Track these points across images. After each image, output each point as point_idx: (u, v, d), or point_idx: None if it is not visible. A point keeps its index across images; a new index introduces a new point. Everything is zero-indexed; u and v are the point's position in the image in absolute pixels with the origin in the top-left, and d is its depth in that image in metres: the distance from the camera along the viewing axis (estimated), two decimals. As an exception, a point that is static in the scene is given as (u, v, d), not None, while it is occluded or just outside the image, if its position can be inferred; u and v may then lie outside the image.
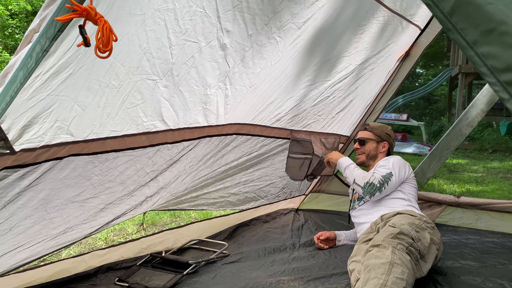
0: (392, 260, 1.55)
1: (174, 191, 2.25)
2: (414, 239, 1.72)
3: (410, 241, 1.70)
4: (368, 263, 1.61)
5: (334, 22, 1.99)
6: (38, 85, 1.18)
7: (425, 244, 1.76)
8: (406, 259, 1.59)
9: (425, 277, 1.93)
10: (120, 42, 1.26)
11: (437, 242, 1.87)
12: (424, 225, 1.90)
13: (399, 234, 1.71)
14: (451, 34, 0.67)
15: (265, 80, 2.00)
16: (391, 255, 1.58)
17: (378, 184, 2.15)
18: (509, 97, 0.64)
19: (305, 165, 2.74)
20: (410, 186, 2.25)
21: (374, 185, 2.16)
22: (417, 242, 1.72)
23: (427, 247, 1.76)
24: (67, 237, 1.83)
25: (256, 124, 2.32)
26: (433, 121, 15.30)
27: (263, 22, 1.66)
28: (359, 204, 2.30)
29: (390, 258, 1.56)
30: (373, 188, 2.15)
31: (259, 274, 1.96)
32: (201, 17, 1.46)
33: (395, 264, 1.54)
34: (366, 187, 2.16)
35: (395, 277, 1.49)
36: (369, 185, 2.16)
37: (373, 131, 2.42)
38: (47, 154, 1.37)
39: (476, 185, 5.50)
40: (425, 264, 1.74)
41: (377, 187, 2.15)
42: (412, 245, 1.69)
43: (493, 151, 9.92)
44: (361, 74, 2.59)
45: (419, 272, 1.69)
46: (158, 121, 1.70)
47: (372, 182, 2.16)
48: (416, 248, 1.70)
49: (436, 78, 14.30)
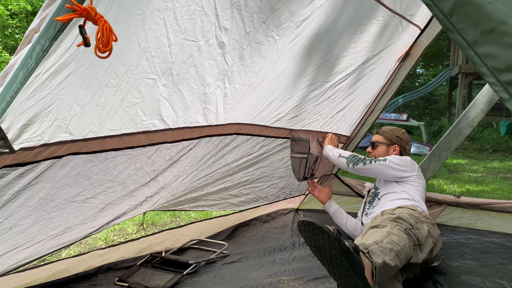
0: (390, 231, 1.61)
1: (174, 191, 2.25)
2: (412, 225, 1.75)
3: (408, 226, 1.73)
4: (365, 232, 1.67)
5: (333, 21, 1.99)
6: (37, 85, 1.18)
7: (422, 234, 1.78)
8: (404, 236, 1.62)
9: (425, 277, 1.94)
10: (120, 42, 1.26)
11: (434, 237, 1.88)
12: (423, 219, 1.92)
13: (398, 218, 1.76)
14: (451, 34, 0.67)
15: (264, 80, 2.00)
16: (389, 229, 1.63)
17: (362, 157, 2.21)
18: (509, 97, 0.63)
19: (302, 165, 2.75)
20: (414, 187, 2.24)
21: (359, 157, 2.22)
22: (415, 230, 1.74)
23: (424, 237, 1.78)
24: (67, 237, 1.83)
25: (256, 124, 2.32)
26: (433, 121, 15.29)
27: (261, 20, 1.66)
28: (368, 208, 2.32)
29: (389, 230, 1.62)
30: (356, 158, 2.21)
31: (259, 274, 1.96)
32: (200, 16, 1.46)
33: (392, 233, 1.60)
34: (350, 157, 2.23)
35: (391, 240, 1.54)
36: (353, 156, 2.21)
37: (384, 135, 2.48)
38: (46, 153, 1.38)
39: (476, 185, 5.50)
40: (421, 253, 1.74)
41: (361, 158, 2.21)
42: (410, 230, 1.72)
43: (493, 151, 9.92)
44: (362, 75, 2.59)
45: (415, 257, 1.69)
46: (157, 120, 1.69)
47: (357, 155, 2.23)
48: (414, 234, 1.72)
49: (436, 78, 14.29)
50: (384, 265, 1.43)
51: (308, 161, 2.74)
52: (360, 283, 1.37)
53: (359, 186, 3.13)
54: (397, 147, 2.44)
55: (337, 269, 1.38)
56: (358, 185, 3.14)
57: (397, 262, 1.51)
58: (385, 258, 1.45)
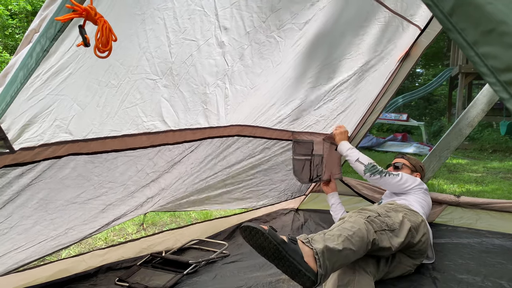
0: (345, 220, 1.68)
1: (175, 192, 2.25)
2: (380, 214, 1.79)
3: (373, 214, 1.77)
4: None
5: (335, 23, 1.99)
6: (38, 85, 1.18)
7: (395, 220, 1.81)
8: (360, 221, 1.67)
9: (424, 276, 1.94)
10: (120, 42, 1.25)
11: (413, 221, 1.90)
12: (399, 209, 1.97)
13: (362, 209, 1.81)
14: (451, 34, 0.67)
15: (267, 82, 2.00)
16: (347, 219, 1.70)
17: (381, 168, 2.23)
18: (509, 97, 0.63)
19: (306, 166, 2.75)
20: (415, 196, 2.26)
21: (377, 167, 2.23)
22: (383, 217, 1.78)
23: (397, 223, 1.80)
24: (68, 238, 1.83)
25: (258, 126, 2.31)
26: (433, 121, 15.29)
27: (261, 19, 1.66)
28: None
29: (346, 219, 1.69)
30: (375, 169, 2.22)
31: (259, 274, 1.96)
32: (199, 15, 1.46)
33: (347, 221, 1.67)
34: (369, 166, 2.22)
35: (342, 227, 1.62)
36: (372, 166, 2.22)
37: (410, 161, 2.60)
38: (46, 153, 1.38)
39: (476, 185, 5.50)
40: (396, 238, 1.77)
41: (379, 170, 2.23)
42: (375, 217, 1.75)
43: (493, 151, 9.91)
44: (364, 76, 2.59)
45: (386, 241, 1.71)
46: (158, 121, 1.69)
47: (376, 165, 2.24)
48: (381, 221, 1.76)
49: (436, 78, 14.29)
50: (327, 250, 1.48)
51: (312, 162, 2.74)
52: (302, 269, 1.43)
53: (359, 186, 3.13)
54: (419, 175, 2.53)
55: (279, 261, 1.45)
56: (358, 185, 3.14)
57: (349, 245, 1.54)
58: (329, 243, 1.50)
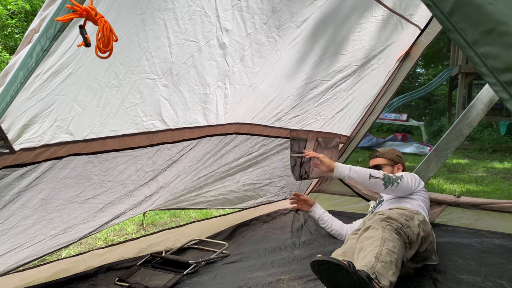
0: (384, 237, 1.66)
1: (173, 190, 2.25)
2: (403, 224, 1.79)
3: (398, 225, 1.77)
4: (362, 245, 1.69)
5: (332, 20, 2.00)
6: (38, 85, 1.18)
7: (414, 231, 1.82)
8: (396, 237, 1.68)
9: (424, 276, 1.94)
10: (120, 42, 1.25)
11: (425, 230, 1.91)
12: (414, 216, 1.96)
13: (388, 218, 1.79)
14: (451, 34, 0.67)
15: (264, 80, 2.00)
16: (382, 233, 1.68)
17: (394, 176, 2.21)
18: (509, 97, 0.63)
19: (298, 164, 2.76)
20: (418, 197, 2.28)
21: (391, 177, 2.21)
22: (406, 228, 1.78)
23: (415, 234, 1.82)
24: (67, 237, 1.83)
25: (255, 124, 2.32)
26: (433, 121, 15.28)
27: (262, 21, 1.66)
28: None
29: (382, 235, 1.67)
30: (392, 178, 2.19)
31: (259, 274, 1.96)
32: (200, 16, 1.46)
33: (386, 239, 1.64)
34: (386, 178, 2.19)
35: (388, 249, 1.60)
36: (387, 176, 2.20)
37: (385, 156, 2.50)
38: (46, 154, 1.37)
39: (476, 185, 5.50)
40: (410, 250, 1.79)
41: (394, 178, 2.20)
42: (400, 229, 1.76)
43: (493, 151, 9.91)
44: (363, 75, 2.60)
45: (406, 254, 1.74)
46: (158, 121, 1.69)
47: (387, 174, 2.22)
48: (404, 232, 1.76)
49: (436, 78, 14.29)
50: (390, 284, 1.51)
51: (302, 160, 2.76)
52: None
53: (359, 186, 3.13)
54: (401, 165, 2.50)
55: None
56: (358, 185, 3.15)
57: (397, 271, 1.58)
58: (390, 277, 1.52)
